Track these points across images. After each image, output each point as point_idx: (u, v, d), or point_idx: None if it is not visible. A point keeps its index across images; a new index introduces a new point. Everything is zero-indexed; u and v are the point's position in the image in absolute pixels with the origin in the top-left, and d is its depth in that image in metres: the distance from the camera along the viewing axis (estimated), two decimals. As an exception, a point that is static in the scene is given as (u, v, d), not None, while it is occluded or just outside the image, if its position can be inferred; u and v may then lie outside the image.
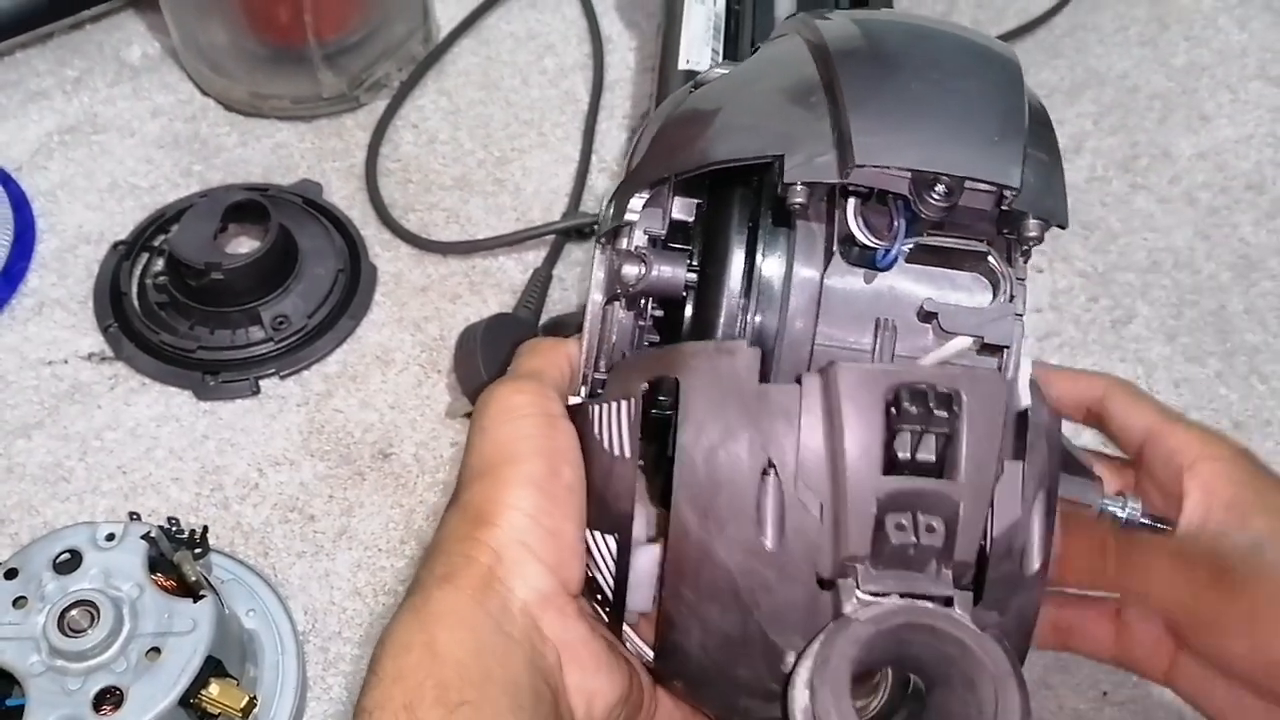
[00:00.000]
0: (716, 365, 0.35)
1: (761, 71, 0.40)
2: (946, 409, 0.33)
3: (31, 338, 0.61)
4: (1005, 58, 0.38)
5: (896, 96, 0.35)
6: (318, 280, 0.62)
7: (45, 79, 0.71)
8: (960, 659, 0.32)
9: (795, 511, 0.33)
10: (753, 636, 0.34)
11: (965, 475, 0.33)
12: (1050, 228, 0.35)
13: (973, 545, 0.33)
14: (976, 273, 0.37)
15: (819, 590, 0.34)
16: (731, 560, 0.34)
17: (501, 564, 0.35)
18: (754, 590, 0.34)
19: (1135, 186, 0.69)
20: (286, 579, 0.54)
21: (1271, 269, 0.66)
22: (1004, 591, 0.34)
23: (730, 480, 0.34)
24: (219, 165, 0.68)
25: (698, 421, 0.34)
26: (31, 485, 0.56)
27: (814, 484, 0.33)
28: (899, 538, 0.32)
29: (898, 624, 0.32)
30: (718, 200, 0.39)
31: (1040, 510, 0.35)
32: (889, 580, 0.33)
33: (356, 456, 0.58)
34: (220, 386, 0.59)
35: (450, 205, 0.67)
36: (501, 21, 0.76)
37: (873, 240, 0.35)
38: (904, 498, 0.33)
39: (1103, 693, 0.52)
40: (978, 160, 0.34)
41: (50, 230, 0.65)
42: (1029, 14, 0.77)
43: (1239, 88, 0.74)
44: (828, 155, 0.34)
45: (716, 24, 0.65)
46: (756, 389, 0.34)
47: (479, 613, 0.34)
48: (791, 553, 0.33)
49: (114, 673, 0.43)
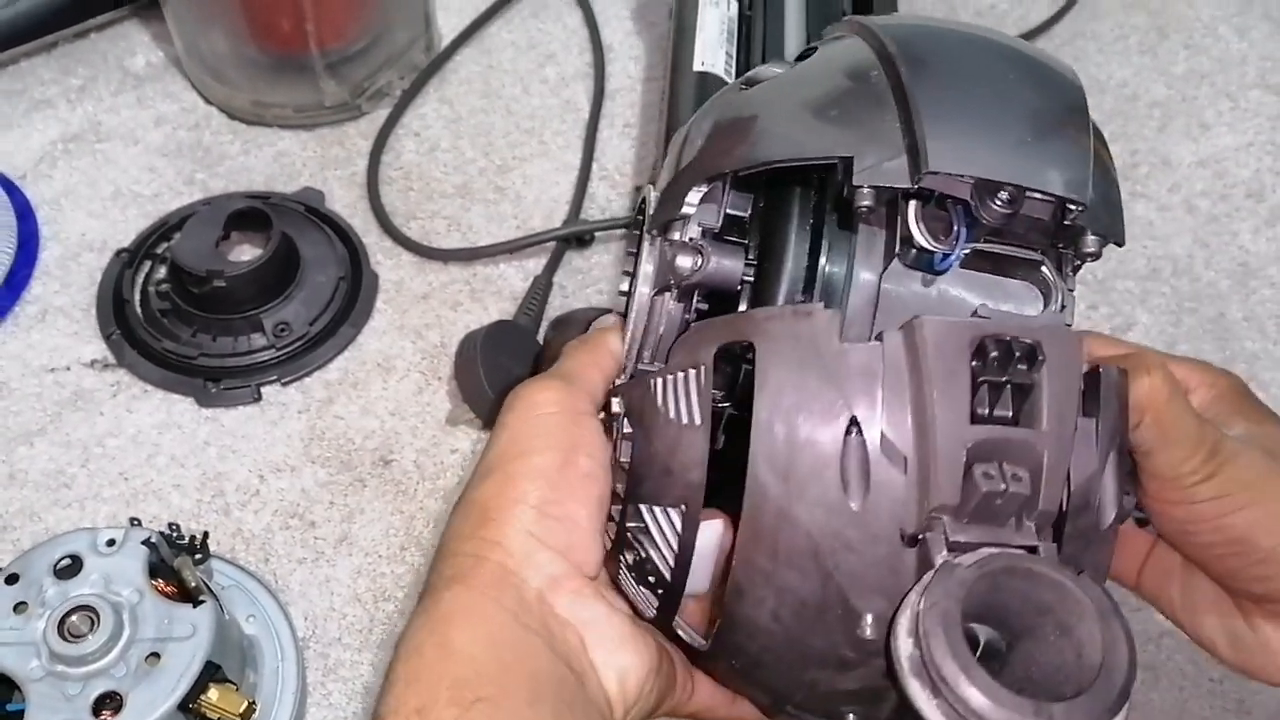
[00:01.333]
0: (795, 328, 0.34)
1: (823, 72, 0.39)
2: (1029, 361, 0.33)
3: (35, 345, 0.61)
4: (1066, 73, 0.38)
5: (966, 105, 0.35)
6: (319, 288, 0.62)
7: (49, 88, 0.72)
8: (1057, 604, 0.32)
9: (880, 468, 0.33)
10: (831, 601, 0.34)
11: (1048, 425, 0.33)
12: (1107, 244, 0.35)
13: (1056, 495, 0.34)
14: (1028, 281, 0.37)
15: (902, 549, 0.34)
16: (813, 522, 0.34)
17: (511, 557, 0.35)
18: (836, 551, 0.34)
19: (1135, 194, 0.69)
20: (287, 585, 0.54)
21: (1271, 276, 0.66)
22: (1081, 545, 0.35)
23: (811, 441, 0.34)
24: (221, 173, 0.68)
25: (776, 385, 0.34)
26: (34, 492, 0.56)
27: (898, 438, 0.33)
28: (988, 485, 0.32)
29: (998, 568, 0.32)
30: (775, 197, 0.39)
31: (1114, 464, 0.35)
32: (975, 532, 0.33)
33: (357, 463, 0.58)
34: (222, 393, 0.59)
35: (451, 213, 0.67)
36: (503, 30, 0.76)
37: (933, 244, 0.35)
38: (990, 447, 0.33)
39: (1102, 700, 0.52)
40: (1049, 174, 0.34)
41: (54, 238, 0.65)
42: (1029, 22, 0.77)
43: (1238, 96, 0.74)
44: (898, 160, 0.34)
45: (730, 27, 0.66)
46: (837, 348, 0.34)
47: (491, 607, 0.34)
48: (877, 511, 0.33)
49: (114, 678, 0.43)
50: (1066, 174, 0.34)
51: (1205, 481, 0.36)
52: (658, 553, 0.37)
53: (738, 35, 0.65)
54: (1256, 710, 0.52)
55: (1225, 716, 0.52)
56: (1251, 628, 0.39)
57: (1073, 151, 0.35)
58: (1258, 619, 0.39)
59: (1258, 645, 0.39)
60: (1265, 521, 0.36)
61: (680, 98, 0.63)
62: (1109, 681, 0.31)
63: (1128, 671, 0.31)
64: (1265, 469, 0.37)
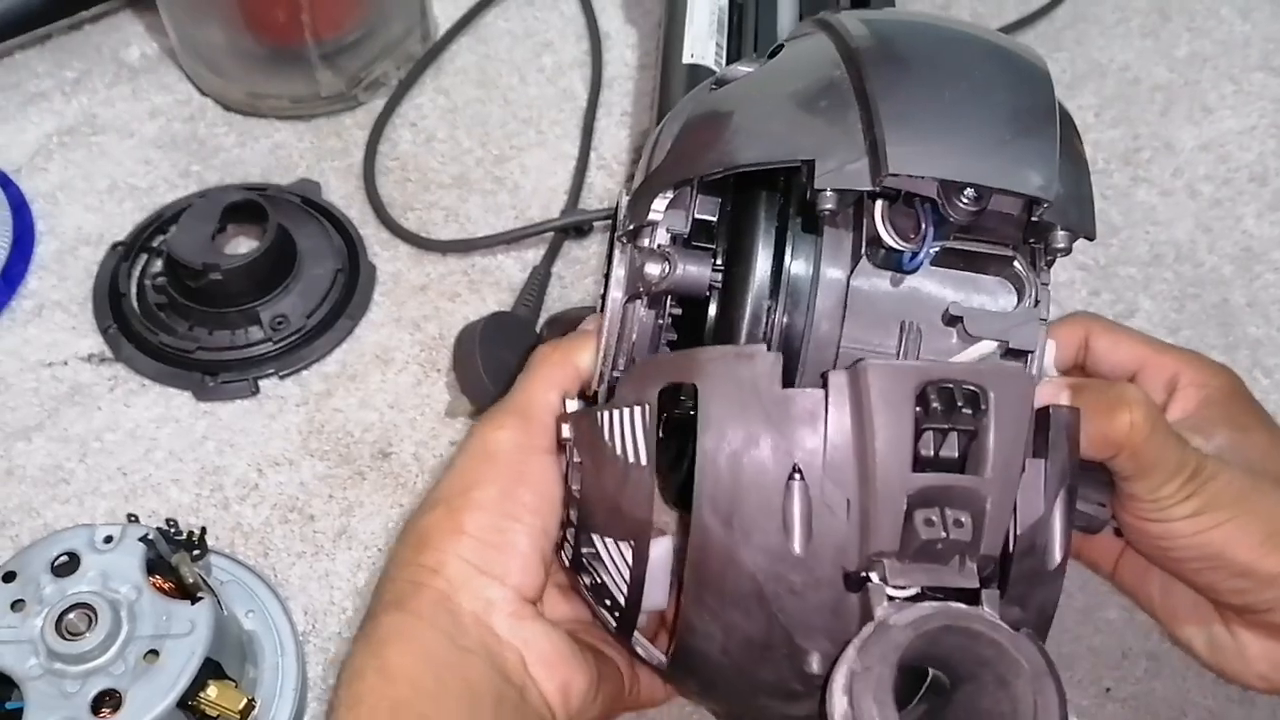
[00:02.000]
0: (736, 371, 0.34)
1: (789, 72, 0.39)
2: (973, 406, 0.33)
3: (31, 340, 0.61)
4: (1035, 65, 0.37)
5: (928, 104, 0.35)
6: (316, 280, 0.62)
7: (44, 80, 0.71)
8: (996, 660, 0.32)
9: (822, 514, 0.33)
10: (777, 640, 0.34)
11: (992, 471, 0.33)
12: (1077, 239, 0.35)
13: (998, 540, 0.34)
14: (1001, 277, 0.36)
15: (845, 592, 0.34)
16: (757, 566, 0.34)
17: (448, 583, 0.37)
18: (780, 595, 0.34)
19: (1137, 179, 0.69)
20: (286, 579, 0.54)
21: (1274, 261, 0.65)
22: (1026, 586, 0.35)
23: (755, 486, 0.34)
24: (217, 165, 0.68)
25: (719, 428, 0.34)
26: (31, 487, 0.56)
27: (841, 482, 0.33)
28: (928, 533, 0.32)
29: (935, 628, 0.32)
30: (742, 200, 0.39)
31: (1062, 506, 0.35)
32: (916, 574, 0.33)
33: (356, 456, 0.58)
34: (219, 387, 0.59)
35: (449, 204, 0.67)
36: (499, 19, 0.76)
37: (900, 243, 0.35)
38: (932, 493, 0.33)
39: (1105, 689, 0.52)
40: (1011, 171, 0.34)
41: (49, 232, 0.65)
42: (1030, 6, 0.77)
43: (1241, 79, 0.73)
44: (859, 162, 0.34)
45: (720, 18, 0.65)
46: (779, 394, 0.34)
47: (428, 630, 0.35)
48: (819, 556, 0.33)
49: (112, 675, 0.43)
50: (1031, 171, 0.34)
51: (1184, 501, 0.36)
52: (611, 580, 0.38)
53: (729, 26, 0.65)
54: (1259, 700, 0.51)
55: (1228, 706, 0.51)
56: (1230, 633, 0.40)
57: (1038, 147, 0.34)
58: (1236, 626, 0.40)
59: (1235, 651, 0.40)
60: (1240, 537, 0.36)
61: (670, 91, 0.62)
62: None
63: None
64: (1244, 486, 0.37)
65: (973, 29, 0.39)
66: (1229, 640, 0.40)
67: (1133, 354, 0.42)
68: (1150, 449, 0.36)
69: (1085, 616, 0.53)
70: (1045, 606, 0.35)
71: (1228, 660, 0.40)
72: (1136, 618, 0.53)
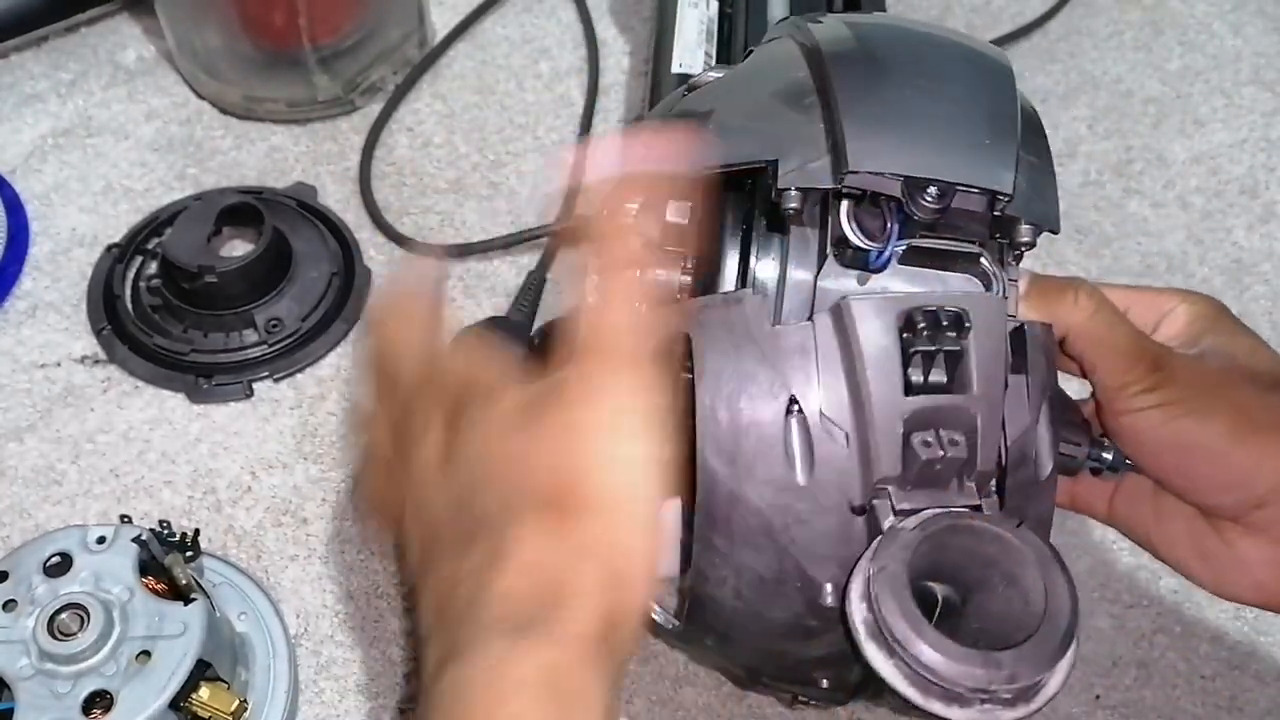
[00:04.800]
0: (727, 314, 0.35)
1: (755, 75, 0.40)
2: (956, 327, 0.34)
3: (24, 341, 0.61)
4: (998, 63, 0.38)
5: (889, 102, 0.35)
6: (312, 283, 0.62)
7: (40, 82, 0.71)
8: (1001, 556, 0.33)
9: (823, 443, 0.34)
10: (789, 573, 0.35)
11: (978, 388, 0.34)
12: (1042, 232, 0.35)
13: (992, 454, 0.35)
14: (969, 274, 0.37)
15: (852, 517, 0.35)
16: (763, 500, 0.35)
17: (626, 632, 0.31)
18: (788, 526, 0.35)
19: (1129, 191, 0.69)
20: (279, 582, 0.54)
21: (1264, 273, 0.66)
22: (1023, 498, 0.36)
23: (754, 423, 0.34)
24: (213, 168, 0.68)
25: (715, 371, 0.35)
26: (23, 488, 0.56)
27: (837, 415, 0.34)
28: (927, 453, 0.34)
29: (940, 528, 0.33)
30: (711, 203, 0.39)
31: (1046, 417, 0.36)
32: (920, 497, 0.34)
33: (350, 460, 0.58)
34: (213, 389, 0.59)
35: (445, 209, 0.67)
36: (497, 25, 0.76)
37: (866, 242, 0.36)
38: (926, 415, 0.34)
39: (1095, 696, 0.52)
40: (970, 166, 0.34)
41: (44, 233, 0.65)
42: (1024, 18, 0.77)
43: (1233, 92, 0.74)
44: (821, 161, 0.34)
45: (709, 27, 0.65)
46: (769, 331, 0.35)
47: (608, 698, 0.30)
48: (823, 484, 0.34)
49: (104, 676, 0.43)
50: (990, 166, 0.35)
51: (1150, 391, 0.37)
52: None
53: (718, 35, 0.65)
54: (1248, 708, 0.52)
55: (1217, 714, 0.52)
56: (1225, 543, 0.40)
57: (997, 143, 0.35)
58: (1232, 534, 0.39)
59: (1232, 560, 0.40)
60: (1209, 424, 0.37)
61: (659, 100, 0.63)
62: (1052, 626, 0.32)
63: (1070, 616, 0.32)
64: (1214, 378, 0.38)
65: (936, 29, 0.40)
66: (1224, 550, 0.39)
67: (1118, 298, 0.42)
68: (1098, 327, 0.37)
69: (1076, 625, 0.54)
70: (1042, 516, 0.37)
71: (1224, 571, 0.40)
72: (1127, 625, 0.54)
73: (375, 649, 0.52)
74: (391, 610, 0.53)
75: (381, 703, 0.51)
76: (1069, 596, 0.33)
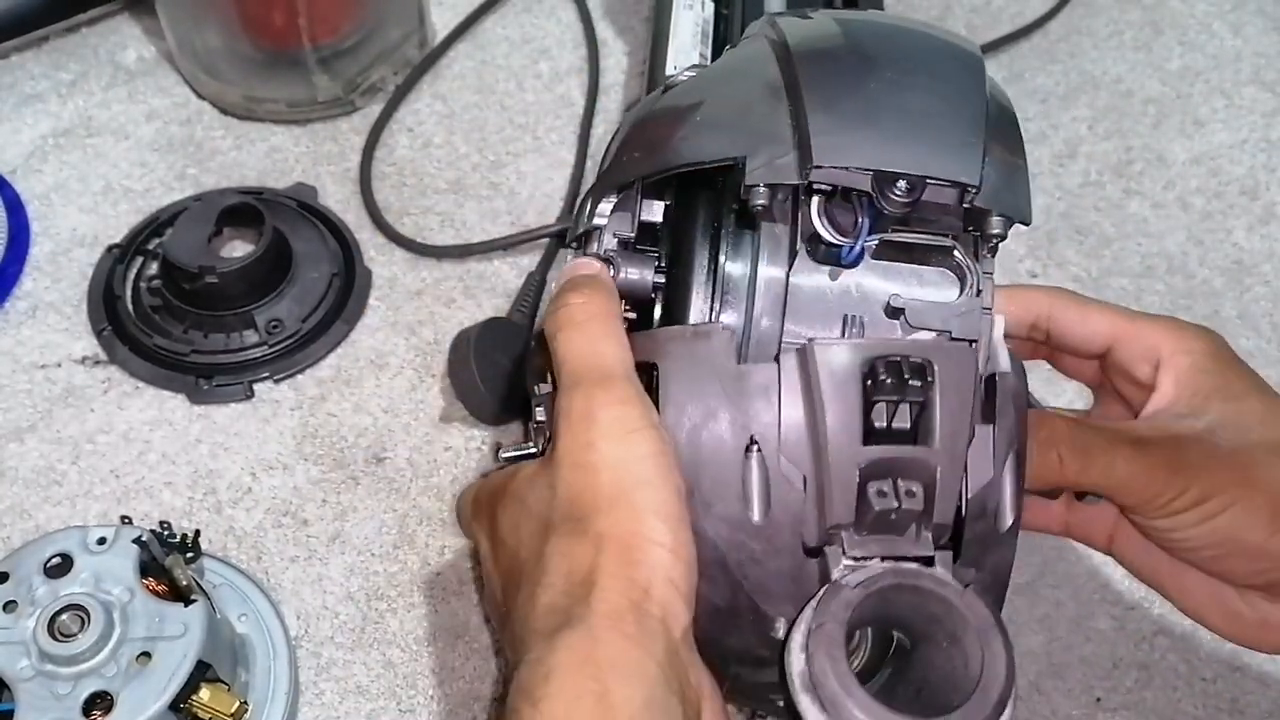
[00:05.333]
0: (693, 348, 0.35)
1: (727, 73, 0.40)
2: (920, 378, 0.34)
3: (25, 341, 0.61)
4: (967, 55, 0.38)
5: (855, 96, 0.35)
6: (312, 284, 0.62)
7: (40, 82, 0.71)
8: (945, 616, 0.33)
9: (780, 485, 0.34)
10: (742, 607, 0.35)
11: (940, 441, 0.34)
12: (1013, 224, 0.35)
13: (950, 507, 0.35)
14: (944, 268, 0.37)
15: (806, 559, 0.35)
16: (719, 536, 0.35)
17: (659, 605, 0.33)
18: (743, 563, 0.35)
19: (1129, 191, 0.69)
20: (279, 583, 0.54)
21: (1265, 274, 0.66)
22: (980, 549, 0.36)
23: (714, 459, 0.35)
24: (213, 169, 0.68)
25: (679, 404, 0.35)
26: (24, 489, 0.56)
27: (796, 458, 0.34)
28: (881, 504, 0.34)
29: (885, 585, 0.33)
30: (684, 202, 0.40)
31: (1011, 470, 0.36)
32: (873, 545, 0.34)
33: (350, 461, 0.58)
34: (214, 390, 0.59)
35: (445, 209, 0.67)
36: (497, 26, 0.76)
37: (837, 237, 0.35)
38: (884, 465, 0.34)
39: (1096, 698, 0.52)
40: (935, 159, 0.34)
41: (44, 233, 0.65)
42: (1024, 19, 0.77)
43: (1233, 93, 0.74)
44: (788, 156, 0.34)
45: (705, 29, 0.65)
46: (735, 369, 0.35)
47: (650, 664, 0.32)
48: (778, 525, 0.34)
49: (104, 677, 0.43)
50: (957, 157, 0.34)
51: (1180, 496, 0.36)
52: None
53: (714, 36, 0.65)
54: (1250, 710, 0.52)
55: (1218, 716, 0.52)
56: (1248, 604, 0.39)
57: (963, 134, 0.35)
58: (1254, 598, 0.39)
59: (1256, 621, 0.39)
60: (1248, 518, 0.36)
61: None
62: (985, 696, 0.32)
63: (1004, 683, 0.32)
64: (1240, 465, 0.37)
65: (906, 22, 0.40)
66: (1248, 612, 0.39)
67: (1104, 326, 0.41)
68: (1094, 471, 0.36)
69: (1076, 626, 0.54)
70: (999, 568, 0.36)
71: (1247, 630, 0.39)
72: (1127, 627, 0.54)
73: (375, 651, 0.52)
74: (391, 611, 0.53)
75: (381, 704, 0.51)
76: (1005, 666, 0.32)
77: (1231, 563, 0.37)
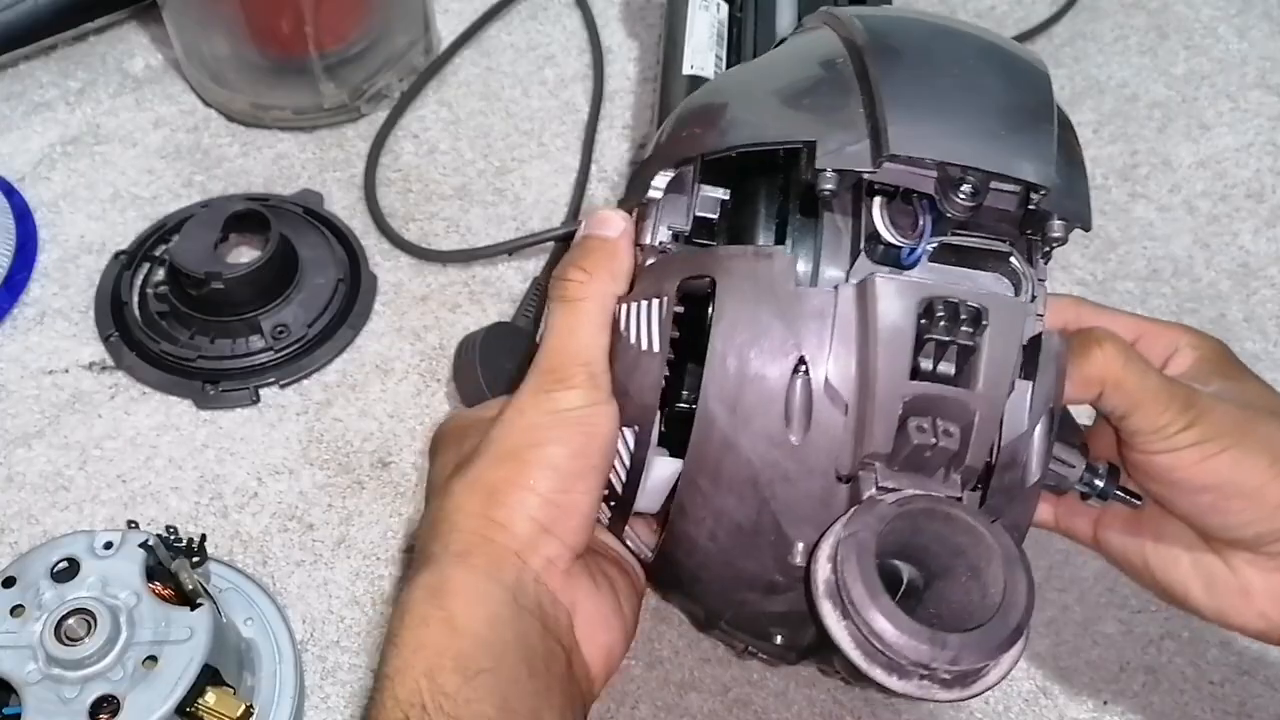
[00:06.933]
0: (754, 267, 0.36)
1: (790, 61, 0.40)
2: (973, 324, 0.34)
3: (33, 347, 0.61)
4: (1035, 65, 0.39)
5: (930, 91, 0.36)
6: (318, 290, 0.62)
7: (48, 90, 0.72)
8: (970, 547, 0.34)
9: (822, 408, 0.35)
10: (765, 527, 0.36)
11: (983, 386, 0.35)
12: (1074, 229, 0.35)
13: (983, 453, 0.35)
14: (998, 273, 0.37)
15: (836, 484, 0.35)
16: (755, 452, 0.35)
17: (515, 540, 0.37)
18: (774, 482, 0.35)
19: (1135, 195, 0.69)
20: (285, 588, 0.54)
21: (1271, 277, 0.66)
22: (1005, 499, 0.36)
23: (760, 375, 0.35)
24: (220, 175, 0.68)
25: (732, 319, 0.35)
26: (31, 494, 0.56)
27: (841, 384, 0.34)
28: (920, 438, 0.34)
29: (918, 509, 0.34)
30: (743, 195, 0.40)
31: (1044, 428, 0.36)
32: (904, 479, 0.35)
33: (355, 465, 0.58)
34: (220, 396, 0.59)
35: (450, 215, 0.67)
36: (502, 32, 0.76)
37: (899, 238, 0.36)
38: (926, 402, 0.34)
39: (1103, 702, 0.52)
40: (1010, 157, 0.34)
41: (52, 240, 0.65)
42: (1028, 22, 0.77)
43: (1238, 96, 0.74)
44: (860, 144, 0.35)
45: (720, 31, 0.65)
46: (792, 290, 0.35)
47: (494, 588, 0.36)
48: (815, 446, 0.35)
49: (110, 681, 0.43)
50: (1030, 158, 0.35)
51: (1185, 430, 0.37)
52: (611, 469, 0.39)
53: (728, 39, 0.65)
54: (1257, 714, 0.51)
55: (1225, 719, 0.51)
56: (1231, 569, 0.40)
57: (1037, 137, 0.35)
58: (1238, 562, 0.39)
59: (1236, 588, 0.40)
60: (1247, 461, 0.37)
61: (671, 101, 0.63)
62: (1004, 620, 0.33)
63: (1024, 612, 0.33)
64: (1242, 417, 0.38)
65: (973, 28, 0.40)
66: (1230, 577, 0.39)
67: (1128, 328, 0.42)
68: (1130, 377, 0.37)
69: (1083, 630, 0.53)
70: (1020, 521, 0.37)
71: (1228, 600, 0.40)
72: (1134, 630, 0.54)
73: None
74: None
75: (387, 708, 0.51)
76: (1026, 595, 0.33)
77: (1225, 507, 0.38)
